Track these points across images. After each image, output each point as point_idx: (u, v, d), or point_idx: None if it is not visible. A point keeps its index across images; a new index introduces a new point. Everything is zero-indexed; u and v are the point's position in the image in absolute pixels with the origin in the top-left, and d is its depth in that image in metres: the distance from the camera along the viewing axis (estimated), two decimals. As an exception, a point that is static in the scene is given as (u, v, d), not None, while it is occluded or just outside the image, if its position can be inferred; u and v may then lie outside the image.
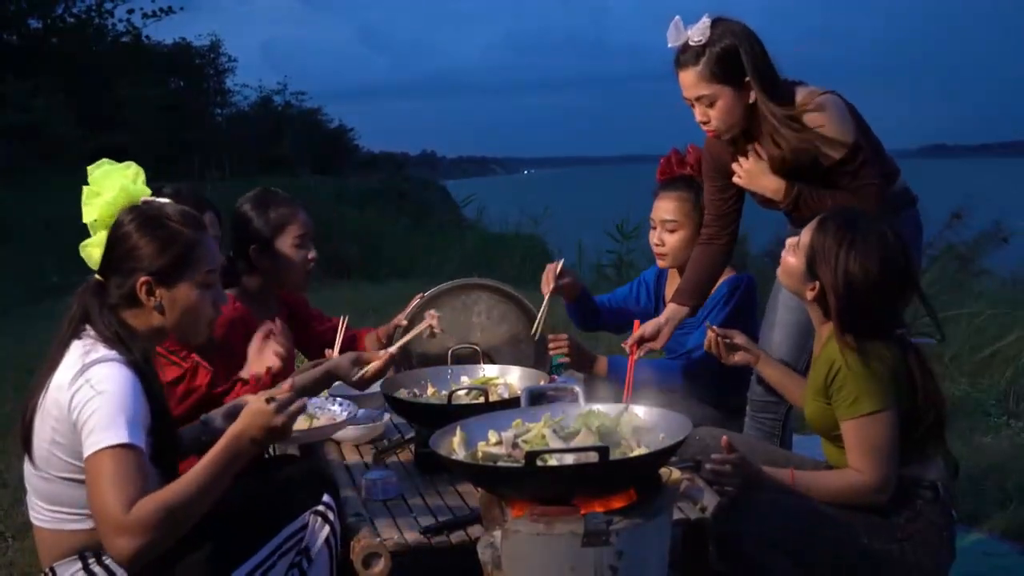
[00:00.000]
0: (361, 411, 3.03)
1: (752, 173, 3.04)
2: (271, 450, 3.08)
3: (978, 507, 3.86)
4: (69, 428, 2.04)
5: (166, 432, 2.20)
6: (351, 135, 40.55)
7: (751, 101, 2.94)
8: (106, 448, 1.95)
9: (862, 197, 2.89)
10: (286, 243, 3.25)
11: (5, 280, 10.79)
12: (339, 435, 3.04)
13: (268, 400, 2.08)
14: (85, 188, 2.29)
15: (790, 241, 2.64)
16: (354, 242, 13.62)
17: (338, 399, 2.72)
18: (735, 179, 3.10)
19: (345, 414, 2.64)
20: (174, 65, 30.39)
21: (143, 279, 2.16)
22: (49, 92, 20.70)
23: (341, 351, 3.03)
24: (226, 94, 33.40)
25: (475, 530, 2.37)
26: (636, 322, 3.19)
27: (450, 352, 3.36)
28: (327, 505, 2.27)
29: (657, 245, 3.56)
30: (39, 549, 2.19)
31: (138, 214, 2.20)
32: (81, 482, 2.03)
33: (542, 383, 2.93)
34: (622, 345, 3.18)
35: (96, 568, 2.10)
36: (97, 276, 2.21)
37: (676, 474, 2.53)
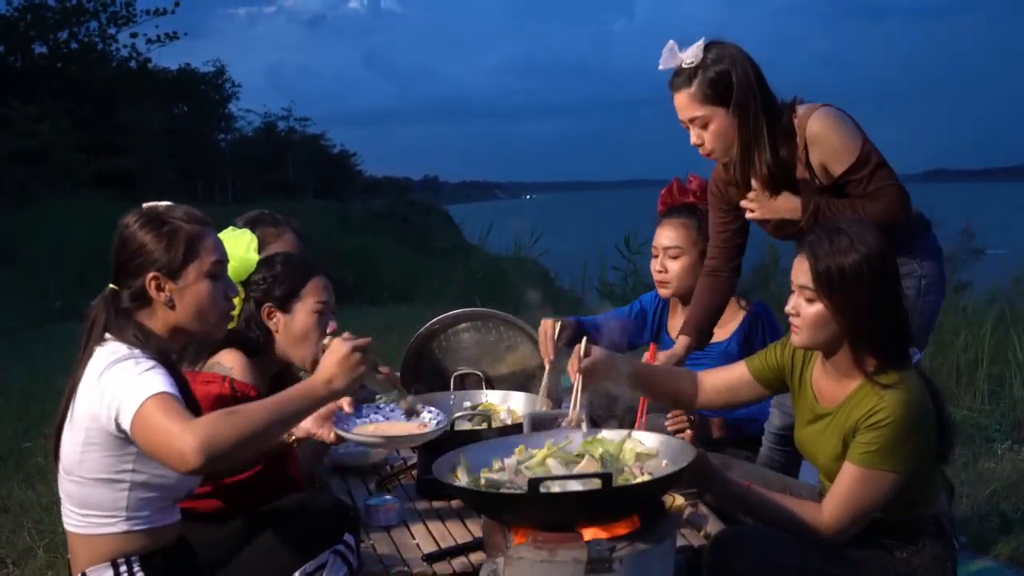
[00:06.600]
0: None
1: (763, 201, 2.97)
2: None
3: (983, 533, 3.83)
4: (103, 426, 2.02)
5: None
6: (354, 160, 40.69)
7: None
8: (145, 401, 1.93)
9: (882, 201, 2.81)
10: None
11: (9, 304, 10.80)
12: (339, 460, 3.05)
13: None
14: None
15: (789, 306, 2.42)
16: (356, 266, 13.63)
17: (428, 407, 2.50)
18: (748, 215, 3.04)
19: (435, 421, 2.43)
20: (178, 90, 30.60)
21: (151, 275, 2.16)
22: (53, 117, 20.80)
23: None
24: (230, 119, 33.61)
25: (477, 557, 2.36)
26: (652, 346, 3.16)
27: (452, 377, 3.34)
28: (347, 545, 2.25)
29: (660, 272, 3.47)
30: (73, 557, 2.19)
31: (140, 215, 2.22)
32: (115, 481, 2.06)
33: (544, 409, 2.91)
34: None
35: None
36: (111, 285, 2.22)
37: (679, 500, 2.52)
